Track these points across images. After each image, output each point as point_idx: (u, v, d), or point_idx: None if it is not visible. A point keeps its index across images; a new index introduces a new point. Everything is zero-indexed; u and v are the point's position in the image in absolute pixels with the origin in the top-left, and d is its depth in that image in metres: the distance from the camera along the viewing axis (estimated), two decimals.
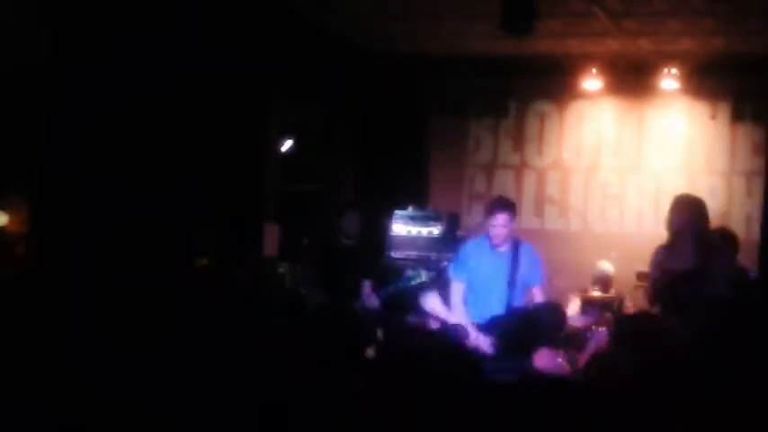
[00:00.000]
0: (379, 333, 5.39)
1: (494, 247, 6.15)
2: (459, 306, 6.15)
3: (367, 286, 7.02)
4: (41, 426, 3.78)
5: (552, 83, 9.33)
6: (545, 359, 4.38)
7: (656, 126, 9.26)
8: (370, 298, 6.88)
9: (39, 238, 6.56)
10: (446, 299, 6.29)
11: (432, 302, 6.24)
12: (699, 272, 5.63)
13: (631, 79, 9.04)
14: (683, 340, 3.79)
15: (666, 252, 5.81)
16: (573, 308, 7.57)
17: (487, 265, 6.15)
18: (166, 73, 6.27)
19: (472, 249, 6.32)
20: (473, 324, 6.01)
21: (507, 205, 6.24)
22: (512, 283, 6.05)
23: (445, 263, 7.14)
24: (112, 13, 6.16)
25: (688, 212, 5.82)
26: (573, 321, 6.72)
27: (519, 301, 6.08)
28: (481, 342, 5.83)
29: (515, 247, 6.15)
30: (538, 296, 6.13)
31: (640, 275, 7.30)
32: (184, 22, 6.33)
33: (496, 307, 6.07)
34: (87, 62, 6.21)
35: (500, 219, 6.07)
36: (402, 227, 8.66)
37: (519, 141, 9.66)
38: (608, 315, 7.59)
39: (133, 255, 6.05)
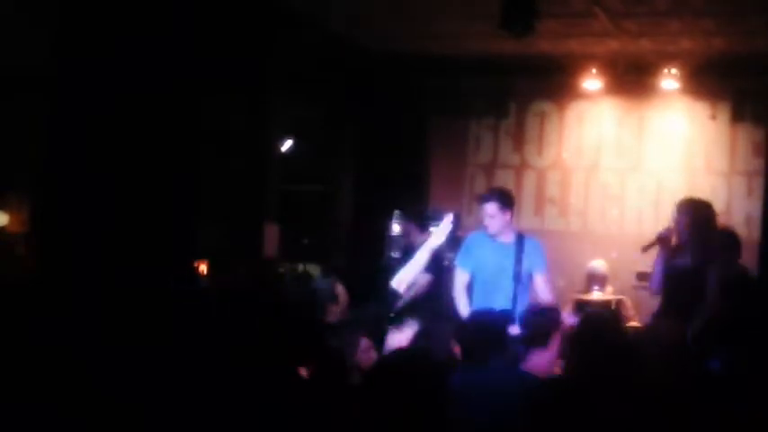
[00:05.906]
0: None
1: (495, 238, 6.14)
2: (461, 293, 6.15)
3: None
4: (41, 426, 3.78)
5: (552, 83, 9.32)
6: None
7: (656, 126, 9.25)
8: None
9: (39, 238, 6.56)
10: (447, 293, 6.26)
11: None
12: (695, 275, 5.69)
13: (631, 79, 9.03)
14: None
15: (674, 251, 5.91)
16: (569, 307, 7.58)
17: (493, 257, 6.13)
18: (166, 73, 6.26)
19: (475, 240, 6.29)
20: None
21: (494, 195, 6.23)
22: (517, 276, 6.03)
23: (446, 262, 7.17)
24: (112, 13, 6.15)
25: (688, 214, 5.90)
26: (569, 320, 6.73)
27: (525, 294, 6.04)
28: None
29: (520, 239, 6.14)
30: (540, 284, 6.09)
31: (640, 275, 7.31)
32: (184, 22, 6.32)
33: (502, 300, 5.98)
34: (87, 62, 6.20)
35: (488, 209, 6.08)
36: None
37: (519, 141, 9.66)
38: None
39: (133, 255, 6.04)
